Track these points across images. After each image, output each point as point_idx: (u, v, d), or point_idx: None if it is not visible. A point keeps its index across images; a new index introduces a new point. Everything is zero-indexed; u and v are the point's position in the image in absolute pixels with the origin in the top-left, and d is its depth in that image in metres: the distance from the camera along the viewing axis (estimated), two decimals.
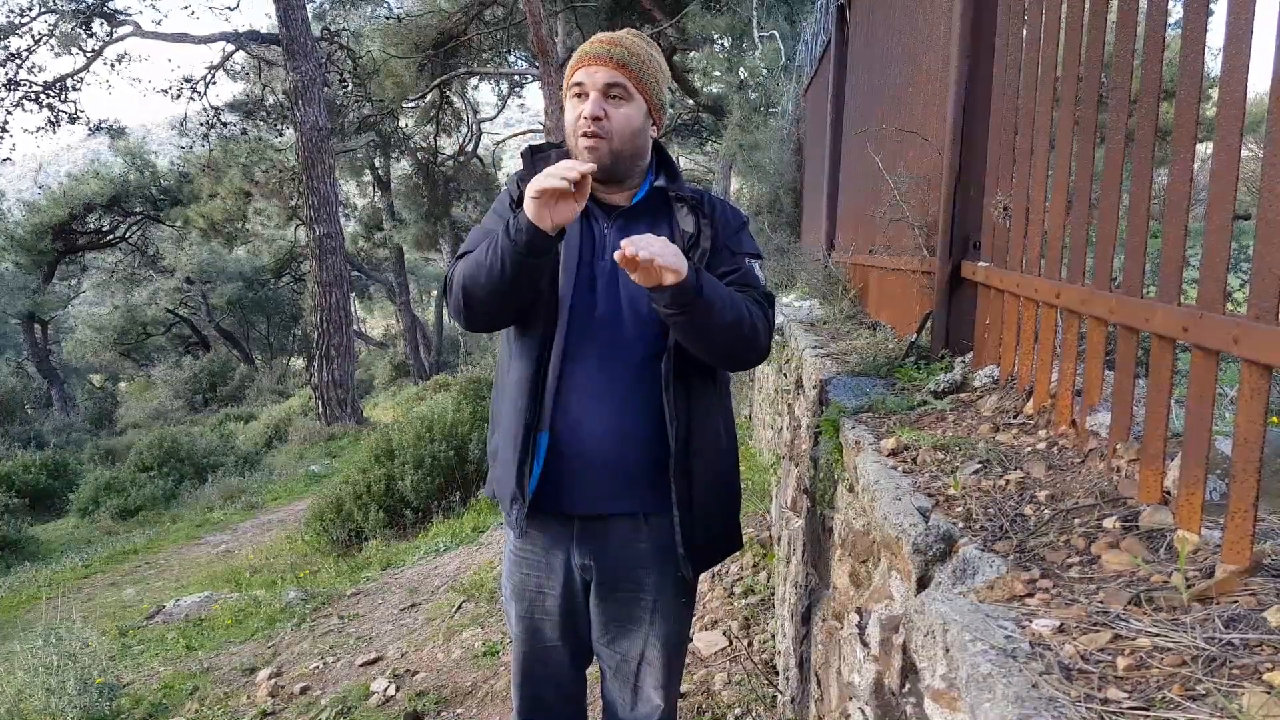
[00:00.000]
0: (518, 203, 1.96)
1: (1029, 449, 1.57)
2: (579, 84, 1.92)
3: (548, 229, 1.75)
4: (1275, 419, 1.18)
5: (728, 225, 2.06)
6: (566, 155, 2.04)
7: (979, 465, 1.53)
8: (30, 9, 19.13)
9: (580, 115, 1.91)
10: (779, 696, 3.25)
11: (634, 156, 1.98)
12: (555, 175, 1.70)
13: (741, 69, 12.87)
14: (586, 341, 1.96)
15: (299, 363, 32.70)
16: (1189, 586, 0.99)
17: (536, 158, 2.06)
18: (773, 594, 4.00)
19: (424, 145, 26.52)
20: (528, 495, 1.98)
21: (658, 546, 2.06)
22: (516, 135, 31.17)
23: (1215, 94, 1.09)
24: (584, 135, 1.90)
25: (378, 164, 28.13)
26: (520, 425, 1.97)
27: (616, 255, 1.66)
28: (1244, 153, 1.10)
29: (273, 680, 4.64)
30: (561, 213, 1.75)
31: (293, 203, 26.10)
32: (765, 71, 11.29)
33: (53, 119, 20.30)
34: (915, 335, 2.53)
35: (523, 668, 2.22)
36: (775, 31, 10.89)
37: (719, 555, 2.21)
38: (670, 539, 2.03)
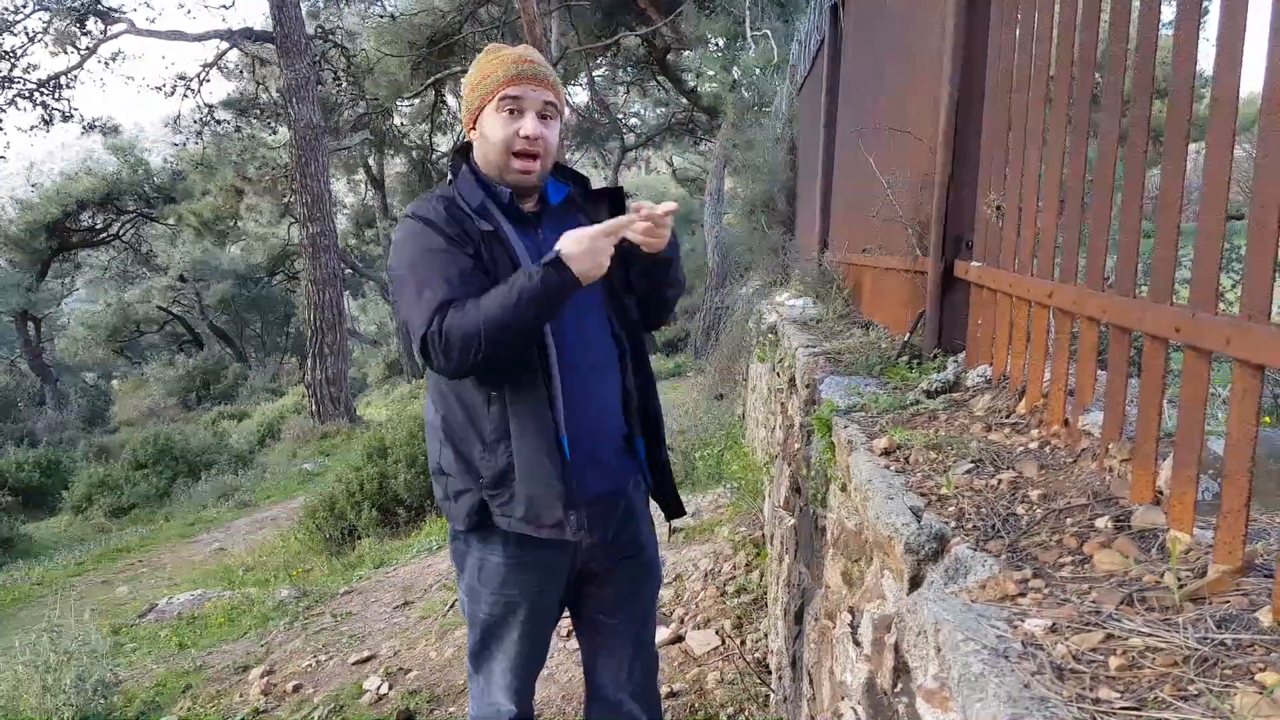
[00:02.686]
0: (460, 239, 1.95)
1: (1021, 449, 1.58)
2: (515, 98, 1.98)
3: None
4: (1268, 419, 1.17)
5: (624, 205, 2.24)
6: (466, 182, 2.06)
7: (971, 465, 1.53)
8: (24, 6, 19.05)
9: (519, 133, 1.98)
10: (771, 695, 3.25)
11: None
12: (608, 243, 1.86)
13: (735, 68, 12.87)
14: (566, 340, 2.03)
15: (292, 361, 32.60)
16: (1181, 586, 0.99)
17: (459, 191, 2.06)
18: (765, 593, 4.00)
19: (419, 144, 26.48)
20: (580, 497, 1.99)
21: (638, 505, 2.28)
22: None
23: (1208, 94, 1.09)
24: (522, 154, 1.99)
25: (371, 162, 28.05)
26: (551, 438, 1.95)
27: (662, 210, 1.93)
28: (1237, 153, 1.10)
29: (265, 678, 4.63)
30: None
31: (286, 201, 26.04)
32: (759, 71, 11.29)
33: (46, 117, 20.23)
34: (908, 335, 2.53)
35: (527, 668, 2.24)
36: (769, 31, 10.89)
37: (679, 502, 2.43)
38: (645, 495, 2.30)
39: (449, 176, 2.12)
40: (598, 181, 2.33)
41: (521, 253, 1.99)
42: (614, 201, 2.18)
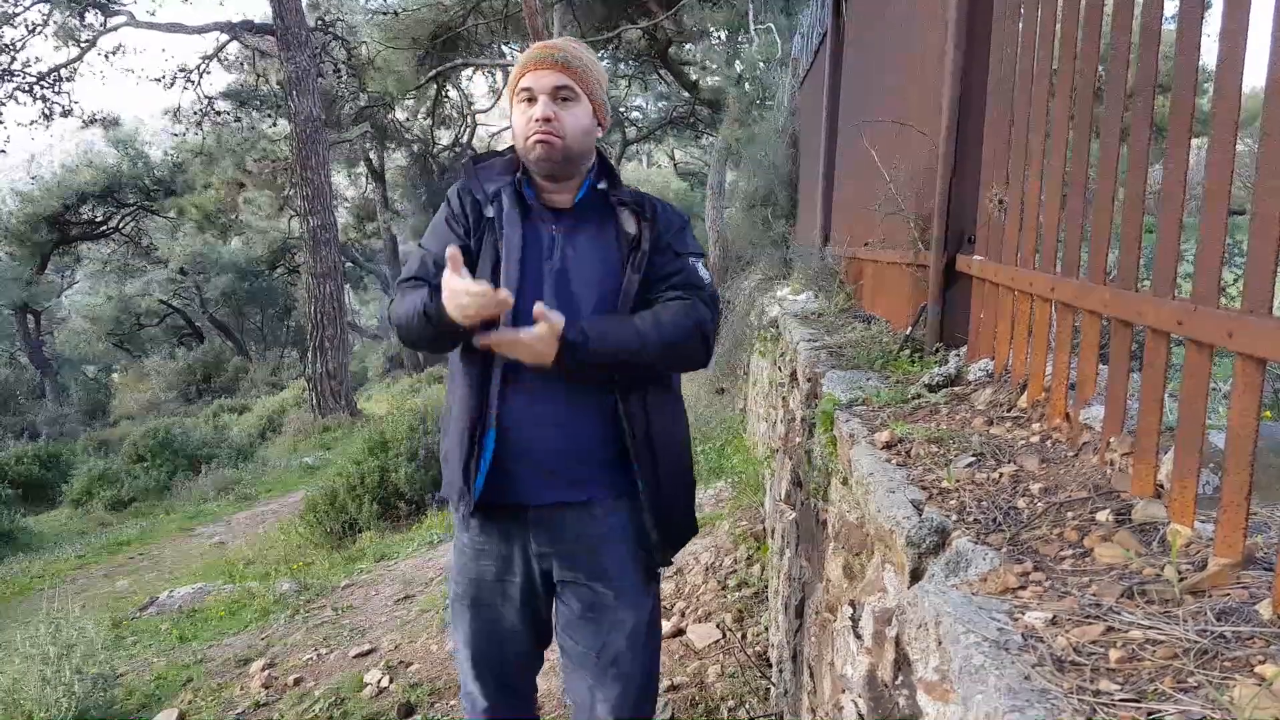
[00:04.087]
0: (461, 219, 2.05)
1: (1023, 442, 1.58)
2: (526, 89, 2.01)
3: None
4: (1268, 413, 1.18)
5: (670, 226, 2.12)
6: (512, 162, 2.12)
7: (973, 458, 1.53)
8: None
9: (531, 118, 2.00)
10: (772, 689, 3.26)
11: (583, 156, 2.07)
12: (472, 310, 1.79)
13: (738, 62, 12.85)
14: None
15: (293, 354, 32.58)
16: (1181, 579, 0.99)
17: (479, 167, 2.13)
18: (766, 587, 4.01)
19: (420, 137, 26.45)
20: (474, 491, 2.01)
21: (613, 532, 2.09)
22: (511, 127, 31.06)
23: (1211, 88, 1.09)
24: (537, 135, 1.99)
25: (372, 155, 28.03)
26: (466, 424, 2.01)
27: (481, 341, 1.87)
28: (1239, 147, 1.10)
29: (266, 671, 4.64)
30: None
31: (287, 194, 26.00)
32: (762, 64, 11.27)
33: (46, 111, 20.20)
34: (910, 328, 2.53)
35: (487, 660, 2.20)
36: (771, 24, 10.87)
37: (682, 541, 2.23)
38: (626, 525, 2.09)
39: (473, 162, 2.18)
40: None
41: (513, 244, 1.99)
42: (637, 213, 2.07)
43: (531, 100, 2.01)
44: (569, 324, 1.85)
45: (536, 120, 1.98)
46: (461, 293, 1.79)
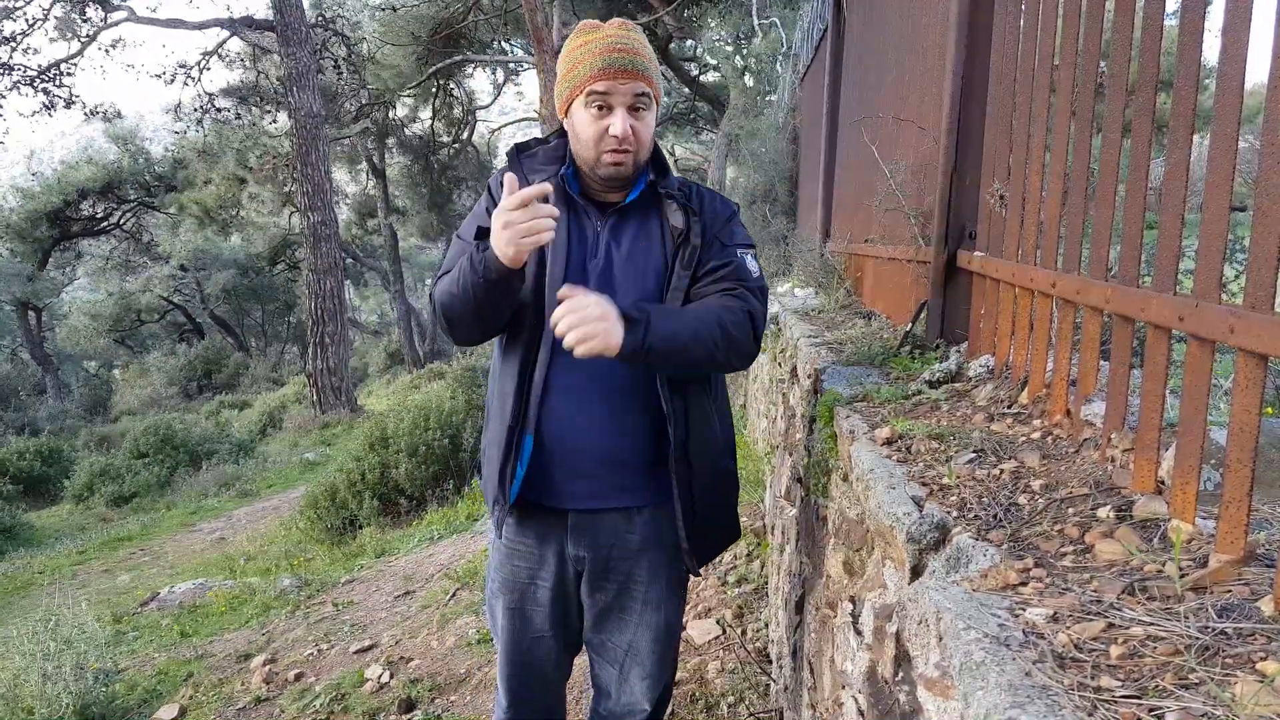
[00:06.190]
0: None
1: (1023, 439, 1.57)
2: (603, 94, 1.85)
3: (515, 264, 1.75)
4: (1270, 409, 1.17)
5: (717, 218, 2.05)
6: (557, 151, 2.03)
7: (973, 455, 1.53)
8: None
9: (608, 133, 1.86)
10: (772, 685, 3.26)
11: (647, 159, 1.98)
12: (530, 225, 1.68)
13: (739, 57, 12.83)
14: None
15: (293, 350, 32.60)
16: (1182, 576, 0.99)
17: (523, 156, 2.03)
18: (766, 583, 4.00)
19: (420, 134, 26.43)
20: (509, 497, 2.00)
21: (650, 538, 2.09)
22: (512, 123, 31.09)
23: (1213, 84, 1.09)
24: (613, 155, 1.88)
25: (373, 152, 28.02)
26: (504, 428, 1.98)
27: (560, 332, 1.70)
28: (1241, 144, 1.10)
29: (267, 667, 4.64)
30: (534, 242, 1.72)
31: (287, 190, 25.99)
32: (764, 60, 11.26)
33: (48, 103, 20.19)
34: (910, 325, 2.53)
35: (513, 660, 2.21)
36: (775, 19, 10.85)
37: (720, 547, 2.24)
38: (663, 531, 2.07)
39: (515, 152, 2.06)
40: None
41: (559, 241, 1.90)
42: (684, 205, 1.99)
43: (604, 107, 1.86)
44: (630, 305, 1.77)
45: (614, 137, 1.85)
46: (504, 210, 1.69)
